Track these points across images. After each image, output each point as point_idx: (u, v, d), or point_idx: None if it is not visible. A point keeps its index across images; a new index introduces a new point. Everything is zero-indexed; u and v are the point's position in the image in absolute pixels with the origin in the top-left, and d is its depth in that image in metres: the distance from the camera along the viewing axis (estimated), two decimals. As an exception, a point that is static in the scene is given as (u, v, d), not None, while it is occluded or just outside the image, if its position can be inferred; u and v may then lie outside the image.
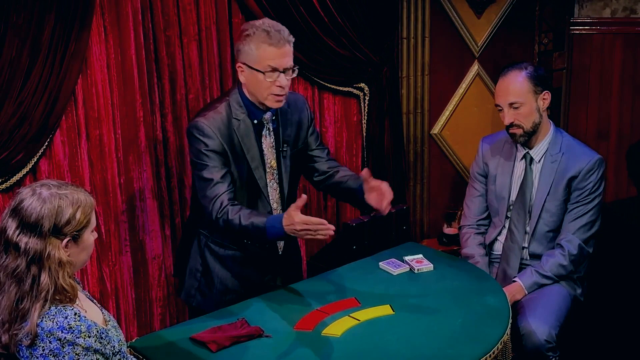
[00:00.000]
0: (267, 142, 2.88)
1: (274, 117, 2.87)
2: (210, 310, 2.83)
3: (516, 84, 3.13)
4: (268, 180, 2.91)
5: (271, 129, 2.88)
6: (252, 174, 2.85)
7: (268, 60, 2.70)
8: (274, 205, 2.95)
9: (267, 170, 2.90)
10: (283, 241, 3.03)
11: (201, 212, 2.81)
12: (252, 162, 2.84)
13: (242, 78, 2.79)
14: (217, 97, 3.00)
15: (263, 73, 2.71)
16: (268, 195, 2.91)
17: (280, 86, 2.73)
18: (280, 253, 3.03)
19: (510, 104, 3.13)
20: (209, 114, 2.78)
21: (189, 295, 3.01)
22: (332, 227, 2.55)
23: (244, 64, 2.75)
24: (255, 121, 2.83)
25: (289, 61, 2.74)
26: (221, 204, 2.71)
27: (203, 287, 2.95)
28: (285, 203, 2.96)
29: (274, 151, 2.90)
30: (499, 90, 3.19)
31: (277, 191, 2.95)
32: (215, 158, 2.74)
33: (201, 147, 2.73)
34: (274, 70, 2.71)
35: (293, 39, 2.76)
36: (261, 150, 2.87)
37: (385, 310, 2.74)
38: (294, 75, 2.78)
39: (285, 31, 2.73)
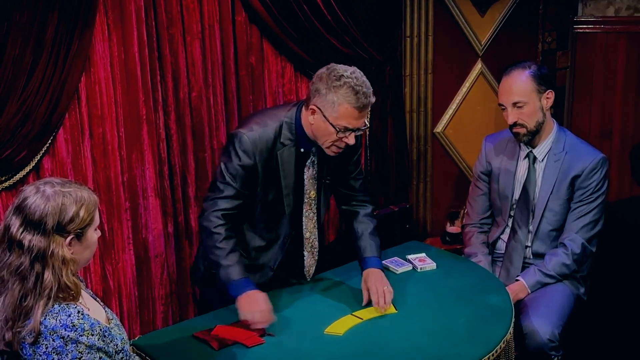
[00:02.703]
0: (309, 173, 2.84)
1: (319, 150, 2.81)
2: (207, 296, 2.86)
3: (520, 83, 3.13)
4: (305, 210, 2.88)
5: (316, 161, 2.83)
6: (281, 199, 2.80)
7: (345, 120, 2.62)
8: (307, 235, 2.93)
9: (305, 200, 2.86)
10: (313, 268, 3.01)
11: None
12: (285, 189, 2.79)
13: (310, 118, 2.68)
14: (276, 109, 2.87)
15: (337, 130, 2.63)
16: (301, 223, 2.89)
17: (347, 143, 2.67)
18: (308, 279, 3.02)
19: (514, 104, 3.13)
20: (258, 130, 2.71)
21: (196, 278, 3.07)
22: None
23: (319, 109, 2.64)
24: (302, 150, 2.78)
25: (364, 121, 2.67)
26: (218, 221, 2.69)
27: (208, 275, 2.95)
28: (319, 231, 2.96)
29: (315, 182, 2.86)
30: (502, 90, 3.19)
31: (313, 221, 2.93)
32: (239, 175, 2.71)
33: (233, 159, 2.70)
34: (348, 129, 2.64)
35: (374, 100, 2.68)
36: (300, 180, 2.82)
37: (388, 308, 2.74)
38: (361, 132, 2.72)
39: (370, 92, 2.64)
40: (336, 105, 2.60)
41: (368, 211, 3.01)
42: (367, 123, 2.72)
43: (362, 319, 2.68)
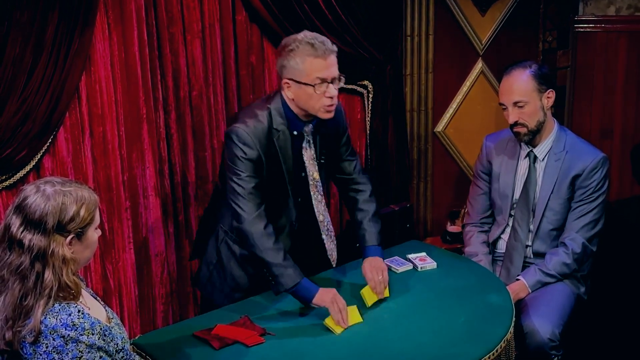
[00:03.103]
0: (308, 154, 2.86)
1: (313, 129, 2.85)
2: (219, 302, 2.85)
3: (520, 83, 3.12)
4: (312, 193, 2.90)
5: (311, 141, 2.86)
6: (285, 185, 2.83)
7: (316, 72, 2.66)
8: (320, 218, 2.94)
9: (310, 182, 2.88)
10: (335, 252, 3.03)
11: (225, 211, 2.81)
12: (287, 174, 2.82)
13: (289, 94, 2.73)
14: (258, 102, 2.92)
15: (312, 86, 2.67)
16: (310, 206, 2.90)
17: (330, 97, 2.70)
18: (334, 265, 3.03)
19: (515, 103, 3.12)
20: (251, 122, 2.73)
21: (201, 285, 3.04)
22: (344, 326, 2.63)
23: (291, 79, 2.70)
24: (295, 132, 2.81)
25: (335, 70, 2.71)
26: (264, 221, 2.70)
27: (214, 279, 2.96)
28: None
29: (315, 163, 2.88)
30: (503, 89, 3.18)
31: (323, 203, 2.94)
32: (250, 167, 2.72)
33: (239, 154, 2.71)
34: (323, 81, 2.67)
35: (336, 49, 2.73)
36: (298, 162, 2.84)
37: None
38: (342, 84, 2.75)
39: (327, 41, 2.70)
40: (301, 65, 2.66)
41: (366, 196, 3.03)
42: (342, 75, 2.74)
43: (360, 315, 2.68)
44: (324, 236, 2.98)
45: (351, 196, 3.04)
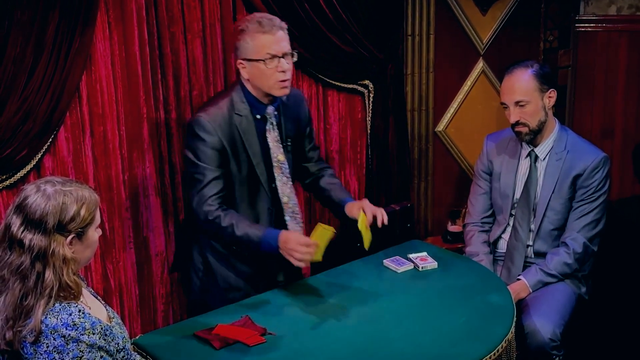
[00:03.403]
0: (272, 136, 2.89)
1: (276, 112, 2.88)
2: (214, 308, 2.84)
3: (522, 82, 3.13)
4: (276, 174, 2.91)
5: (274, 123, 2.89)
6: (254, 170, 2.85)
7: (265, 48, 2.72)
8: (284, 199, 2.95)
9: (275, 164, 2.90)
10: None
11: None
12: (254, 158, 2.84)
13: (244, 74, 2.80)
14: (219, 92, 2.99)
15: (264, 61, 2.72)
16: (277, 190, 2.92)
17: (282, 71, 2.75)
18: None
19: (516, 102, 3.12)
20: (211, 109, 2.79)
21: (194, 294, 3.02)
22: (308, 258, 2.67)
23: (244, 59, 2.77)
24: (258, 116, 2.84)
25: (286, 46, 2.77)
26: (210, 208, 2.72)
27: (205, 285, 2.95)
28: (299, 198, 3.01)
29: (280, 145, 2.91)
30: (504, 89, 3.18)
31: (288, 185, 2.95)
32: (211, 156, 2.74)
33: (199, 144, 2.74)
34: (273, 57, 2.73)
35: (286, 25, 2.79)
36: (264, 146, 2.87)
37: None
38: (294, 59, 2.81)
39: (276, 19, 2.77)
40: (250, 42, 2.74)
41: (331, 172, 3.15)
42: (294, 51, 2.81)
43: (328, 228, 2.70)
44: (287, 217, 2.98)
45: (317, 176, 3.11)
